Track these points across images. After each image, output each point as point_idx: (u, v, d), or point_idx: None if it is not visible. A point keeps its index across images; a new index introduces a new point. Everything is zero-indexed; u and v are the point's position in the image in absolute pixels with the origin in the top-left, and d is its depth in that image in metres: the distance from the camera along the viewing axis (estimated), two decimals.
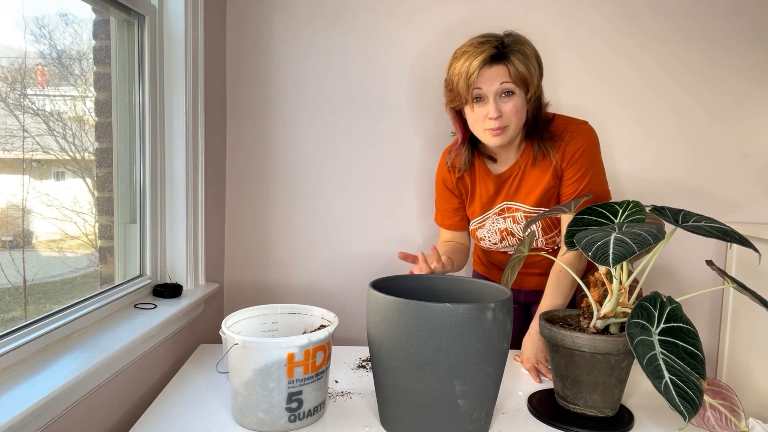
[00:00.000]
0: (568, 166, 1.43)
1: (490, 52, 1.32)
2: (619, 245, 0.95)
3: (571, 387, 1.14)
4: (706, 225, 1.04)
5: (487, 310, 1.00)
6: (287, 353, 1.05)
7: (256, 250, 2.06)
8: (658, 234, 0.97)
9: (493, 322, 1.01)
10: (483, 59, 1.31)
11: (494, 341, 1.02)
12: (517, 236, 1.52)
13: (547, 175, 1.44)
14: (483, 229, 1.55)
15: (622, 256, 0.93)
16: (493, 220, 1.53)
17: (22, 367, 1.03)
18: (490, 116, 1.34)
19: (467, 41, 1.37)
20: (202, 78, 1.68)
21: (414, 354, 1.01)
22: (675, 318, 0.97)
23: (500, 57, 1.32)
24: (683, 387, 0.90)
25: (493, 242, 1.56)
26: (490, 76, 1.32)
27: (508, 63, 1.32)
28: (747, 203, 2.04)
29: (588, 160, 1.44)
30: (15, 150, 1.22)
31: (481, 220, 1.55)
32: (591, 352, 1.08)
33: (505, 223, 1.51)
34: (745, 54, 1.98)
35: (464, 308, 0.99)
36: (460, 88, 1.34)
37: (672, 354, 0.93)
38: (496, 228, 1.53)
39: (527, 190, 1.47)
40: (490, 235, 1.54)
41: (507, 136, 1.37)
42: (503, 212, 1.51)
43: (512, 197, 1.49)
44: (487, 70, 1.32)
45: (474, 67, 1.31)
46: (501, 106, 1.34)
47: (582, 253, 1.32)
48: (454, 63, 1.37)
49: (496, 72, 1.32)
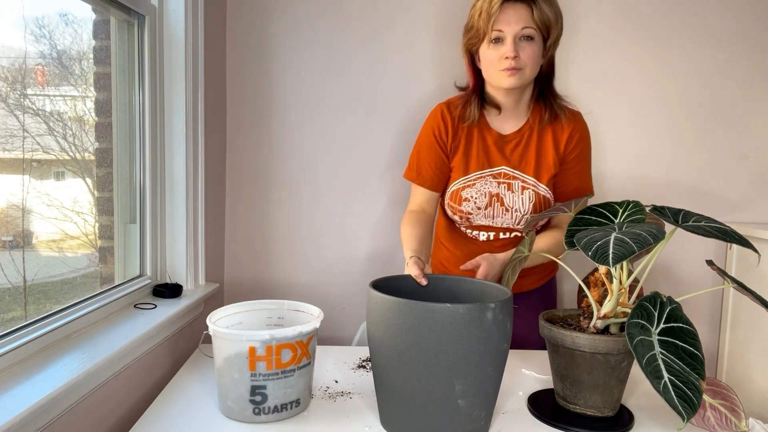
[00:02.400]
0: (575, 146, 1.43)
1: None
2: (619, 245, 0.95)
3: (571, 387, 1.14)
4: (706, 225, 1.04)
5: (487, 310, 1.00)
6: (248, 346, 1.09)
7: (256, 250, 2.06)
8: (658, 234, 0.97)
9: (493, 323, 1.00)
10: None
11: (494, 341, 1.01)
12: (505, 205, 1.45)
13: (551, 145, 1.43)
14: (472, 188, 1.46)
15: (621, 256, 0.93)
16: (486, 181, 1.45)
17: (22, 367, 1.03)
18: (506, 55, 1.31)
19: None
20: (202, 78, 1.68)
21: (414, 354, 1.01)
22: (675, 318, 0.97)
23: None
24: (682, 387, 0.90)
25: (477, 206, 1.46)
26: (513, 15, 1.30)
27: (533, 3, 1.30)
28: (747, 203, 2.04)
29: (589, 146, 1.46)
30: (15, 150, 1.22)
31: (474, 178, 1.46)
32: (591, 352, 1.08)
33: (499, 188, 1.45)
34: (745, 54, 1.98)
35: (464, 308, 0.98)
36: (480, 21, 1.31)
37: (671, 354, 0.93)
38: (486, 190, 1.45)
39: (530, 159, 1.44)
40: (478, 196, 1.45)
41: (522, 78, 1.34)
42: (499, 176, 1.45)
43: (514, 164, 1.44)
44: (511, 8, 1.30)
45: (496, 4, 1.29)
46: (519, 49, 1.31)
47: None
48: (474, 4, 1.35)
49: (519, 12, 1.30)
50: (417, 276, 1.21)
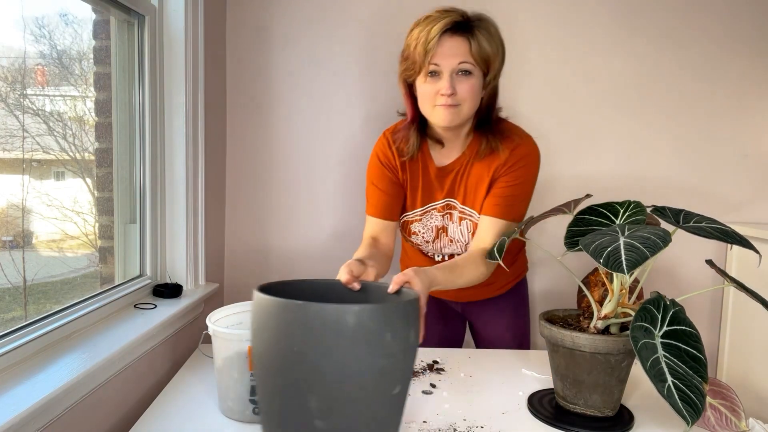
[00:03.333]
0: (506, 174, 1.32)
1: (454, 18, 1.22)
2: (631, 250, 0.94)
3: (571, 387, 1.14)
4: (706, 226, 1.04)
5: (347, 314, 0.82)
6: (248, 346, 1.08)
7: (256, 250, 2.06)
8: (665, 236, 0.96)
9: (357, 330, 0.82)
10: (445, 24, 1.21)
11: (360, 353, 0.83)
12: (449, 236, 1.42)
13: (486, 173, 1.34)
14: (419, 223, 1.43)
15: (636, 263, 0.91)
16: (431, 215, 1.42)
17: (22, 367, 1.03)
18: (442, 92, 1.23)
19: (432, 10, 1.27)
20: (202, 78, 1.68)
21: (266, 360, 0.86)
22: (678, 321, 0.97)
23: (464, 28, 1.23)
24: (685, 391, 0.89)
25: (426, 239, 1.44)
26: (450, 48, 1.22)
27: (471, 37, 1.22)
28: (747, 203, 2.04)
29: (526, 175, 1.33)
30: (15, 150, 1.22)
31: (420, 213, 1.42)
32: (591, 352, 1.08)
33: (443, 220, 1.41)
34: (745, 54, 1.98)
35: (316, 307, 0.82)
36: (416, 54, 1.24)
37: (674, 357, 0.93)
38: (433, 224, 1.42)
39: (467, 190, 1.37)
40: (425, 231, 1.43)
41: (459, 115, 1.27)
42: (443, 209, 1.41)
43: (452, 195, 1.39)
44: (448, 41, 1.22)
45: (435, 32, 1.21)
46: (456, 85, 1.24)
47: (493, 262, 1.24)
48: (413, 29, 1.26)
49: (457, 45, 1.22)
50: (346, 281, 1.05)
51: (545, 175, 2.03)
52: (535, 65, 1.98)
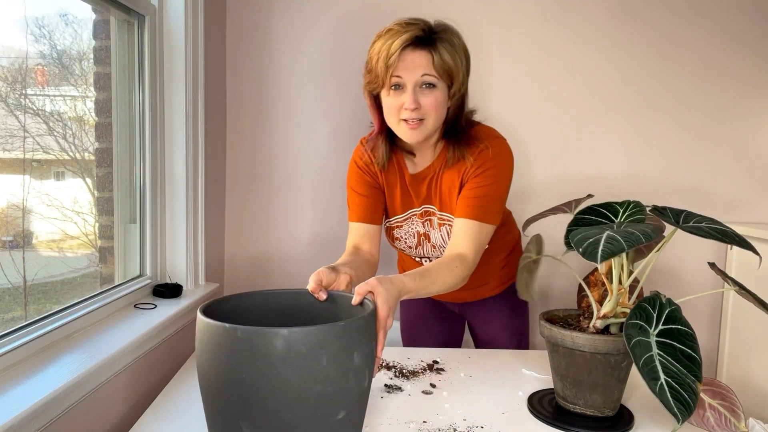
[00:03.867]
0: (475, 176, 1.30)
1: (415, 33, 1.20)
2: (610, 242, 0.95)
3: (571, 387, 1.13)
4: (706, 226, 1.04)
5: (275, 337, 0.78)
6: None
7: (255, 249, 2.06)
8: (651, 233, 0.96)
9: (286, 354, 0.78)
10: (406, 39, 1.19)
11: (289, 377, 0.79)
12: (431, 240, 1.42)
13: (457, 178, 1.33)
14: (401, 229, 1.43)
15: (610, 253, 0.93)
16: (413, 222, 1.42)
17: (22, 367, 1.03)
18: (406, 106, 1.22)
19: (393, 21, 1.25)
20: (202, 78, 1.68)
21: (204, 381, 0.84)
22: (673, 320, 0.97)
23: (426, 42, 1.21)
24: (678, 389, 0.90)
25: (409, 245, 1.44)
26: (412, 62, 1.20)
27: (433, 50, 1.21)
28: (747, 203, 2.04)
29: (496, 173, 1.31)
30: (15, 150, 1.22)
31: (402, 219, 1.42)
32: (591, 352, 1.08)
33: (424, 227, 1.41)
34: (745, 54, 1.99)
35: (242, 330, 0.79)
36: (378, 68, 1.22)
37: (669, 356, 0.93)
38: (414, 230, 1.42)
39: (441, 195, 1.37)
40: (407, 236, 1.43)
41: (424, 131, 1.25)
42: (423, 216, 1.40)
43: (429, 201, 1.39)
44: (410, 55, 1.21)
45: (396, 47, 1.19)
46: (420, 98, 1.22)
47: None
48: (375, 42, 1.24)
49: (419, 59, 1.20)
50: (312, 290, 1.03)
51: (546, 176, 2.03)
52: (534, 66, 1.98)
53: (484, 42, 1.97)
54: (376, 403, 1.21)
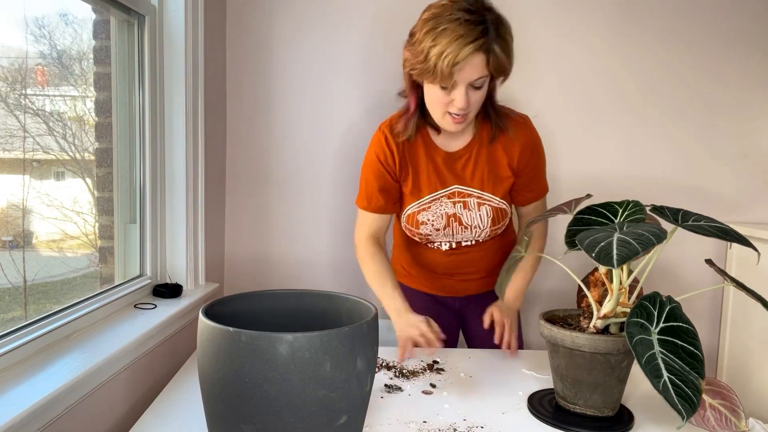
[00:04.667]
0: (529, 158, 1.41)
1: (479, 37, 1.19)
2: (623, 246, 0.95)
3: (571, 387, 1.14)
4: (705, 224, 1.04)
5: (280, 342, 0.78)
6: None
7: (256, 249, 2.06)
8: (660, 234, 0.96)
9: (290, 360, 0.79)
10: (476, 46, 1.19)
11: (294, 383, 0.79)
12: (464, 223, 1.43)
13: (503, 160, 1.39)
14: (428, 211, 1.43)
15: (626, 257, 0.93)
16: (441, 203, 1.42)
17: (22, 367, 1.03)
18: (458, 105, 1.25)
19: (447, 10, 1.21)
20: (202, 78, 1.68)
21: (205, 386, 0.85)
22: (674, 317, 0.97)
23: (483, 44, 1.21)
24: (682, 386, 0.90)
25: (436, 227, 1.44)
26: (469, 64, 1.21)
27: (490, 51, 1.21)
28: (747, 203, 2.04)
29: (540, 152, 1.45)
30: (15, 150, 1.22)
31: (428, 201, 1.42)
32: (591, 351, 1.08)
33: (455, 208, 1.42)
34: (745, 54, 1.99)
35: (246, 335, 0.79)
36: (440, 70, 1.21)
37: (671, 353, 0.93)
38: (443, 212, 1.42)
39: (482, 175, 1.40)
40: (435, 218, 1.43)
41: (467, 122, 1.32)
42: (453, 196, 1.41)
43: (466, 181, 1.40)
44: (470, 58, 1.21)
45: (463, 56, 1.19)
46: (469, 95, 1.25)
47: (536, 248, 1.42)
48: (432, 36, 1.20)
49: (475, 62, 1.21)
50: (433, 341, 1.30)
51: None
52: (534, 66, 1.98)
53: None
54: (377, 403, 1.21)
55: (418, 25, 1.26)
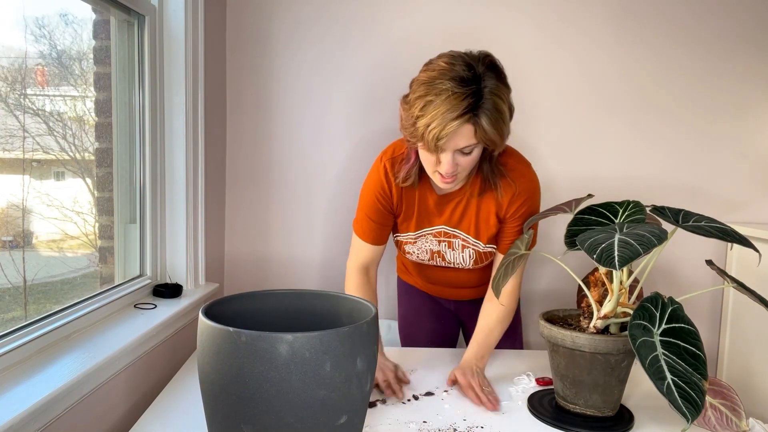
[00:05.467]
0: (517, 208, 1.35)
1: (465, 116, 1.14)
2: (624, 247, 0.95)
3: (571, 387, 1.14)
4: (706, 225, 1.04)
5: (280, 342, 0.79)
6: None
7: (256, 250, 2.06)
8: (661, 234, 0.96)
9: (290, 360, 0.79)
10: (458, 124, 1.14)
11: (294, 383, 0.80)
12: (447, 260, 1.46)
13: (492, 209, 1.37)
14: (414, 245, 1.47)
15: (627, 258, 0.93)
16: (427, 240, 1.44)
17: (22, 367, 1.03)
18: (443, 171, 1.23)
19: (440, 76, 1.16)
20: (202, 78, 1.68)
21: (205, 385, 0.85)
22: (676, 318, 0.97)
23: (470, 115, 1.15)
24: (685, 388, 0.90)
25: (420, 258, 1.49)
26: (455, 134, 1.17)
27: (477, 123, 1.16)
28: (747, 203, 2.04)
29: (534, 204, 1.38)
30: (15, 150, 1.22)
31: (414, 236, 1.45)
32: (591, 352, 1.08)
33: (440, 246, 1.44)
34: (745, 54, 1.98)
35: (246, 335, 0.79)
36: (426, 140, 1.17)
37: (674, 355, 0.93)
38: (427, 247, 1.45)
39: (470, 220, 1.39)
40: (419, 252, 1.47)
41: (458, 183, 1.30)
42: (439, 235, 1.42)
43: (453, 223, 1.41)
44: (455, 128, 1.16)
45: (447, 132, 1.14)
46: (458, 160, 1.22)
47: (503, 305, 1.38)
48: (423, 106, 1.17)
49: (462, 133, 1.17)
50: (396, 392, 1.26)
51: (546, 176, 2.03)
52: (534, 67, 1.98)
53: (484, 43, 1.97)
54: (377, 403, 1.21)
55: (414, 85, 1.22)
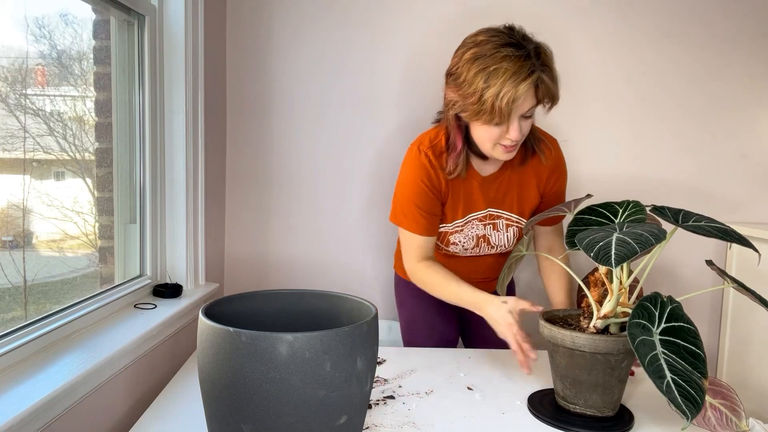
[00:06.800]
0: (555, 180, 1.45)
1: (531, 71, 1.20)
2: (621, 245, 0.95)
3: (571, 387, 1.14)
4: (706, 225, 1.04)
5: (280, 342, 0.79)
6: None
7: (256, 250, 2.06)
8: (659, 234, 0.97)
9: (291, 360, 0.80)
10: (529, 84, 1.19)
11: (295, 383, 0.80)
12: (492, 243, 1.48)
13: (532, 182, 1.43)
14: (460, 234, 1.46)
15: (624, 257, 0.93)
16: (473, 225, 1.45)
17: (22, 367, 1.03)
18: (511, 137, 1.26)
19: (491, 47, 1.21)
20: (202, 78, 1.68)
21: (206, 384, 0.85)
22: (676, 317, 0.97)
23: (537, 78, 1.22)
24: (685, 386, 0.90)
25: (465, 248, 1.48)
26: (524, 100, 1.23)
27: (539, 82, 1.22)
28: (747, 203, 2.04)
29: (566, 174, 1.49)
30: (15, 150, 1.22)
31: (462, 223, 1.45)
32: (591, 352, 1.08)
33: (485, 230, 1.46)
34: (745, 54, 1.99)
35: (246, 335, 0.80)
36: (498, 109, 1.20)
37: (673, 353, 0.93)
38: (474, 234, 1.46)
39: (513, 198, 1.44)
40: (466, 240, 1.47)
41: (517, 149, 1.34)
42: (485, 219, 1.44)
43: (497, 204, 1.44)
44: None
45: (521, 93, 1.19)
46: (521, 125, 1.27)
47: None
48: (484, 76, 1.20)
49: (529, 95, 1.23)
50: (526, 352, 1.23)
51: None
52: None
53: None
54: (377, 403, 1.21)
55: (462, 65, 1.24)
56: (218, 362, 0.82)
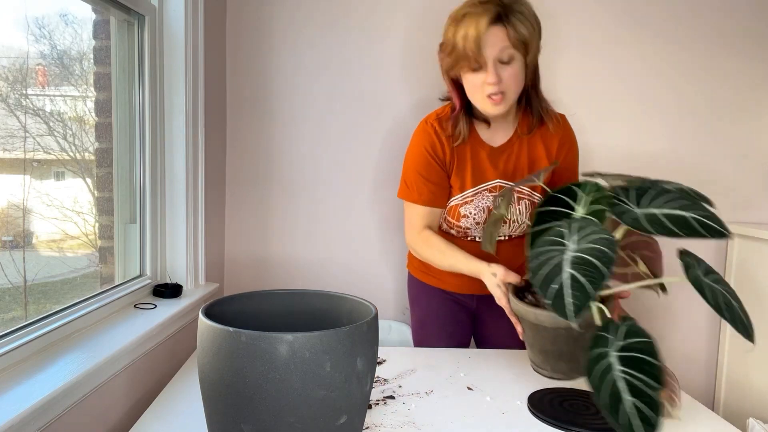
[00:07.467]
0: (566, 152, 1.46)
1: (495, 11, 1.26)
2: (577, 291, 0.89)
3: (538, 354, 1.17)
4: (662, 214, 1.01)
5: (280, 342, 0.79)
6: None
7: (256, 250, 2.06)
8: (609, 253, 0.92)
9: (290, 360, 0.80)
10: (490, 18, 1.26)
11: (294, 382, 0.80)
12: (504, 218, 1.47)
13: (542, 154, 1.44)
14: (470, 205, 1.45)
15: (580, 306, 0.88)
16: (483, 196, 1.45)
17: (22, 367, 1.03)
18: (488, 81, 1.29)
19: (464, 3, 1.32)
20: (202, 78, 1.68)
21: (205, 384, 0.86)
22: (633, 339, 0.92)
23: (500, 18, 1.27)
24: (644, 407, 0.84)
25: (476, 221, 1.46)
26: (490, 38, 1.27)
27: (507, 24, 1.27)
28: (747, 203, 2.04)
29: (577, 147, 1.49)
30: (15, 150, 1.22)
31: (471, 194, 1.45)
32: (553, 327, 1.10)
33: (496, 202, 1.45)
34: (745, 54, 1.98)
35: (246, 335, 0.80)
36: (468, 50, 1.28)
37: (632, 370, 0.87)
38: (484, 205, 1.45)
39: (523, 170, 1.44)
40: (476, 212, 1.45)
41: (507, 103, 1.34)
42: (495, 190, 1.44)
43: (508, 175, 1.44)
44: (488, 32, 1.27)
45: (483, 27, 1.26)
46: (500, 72, 1.29)
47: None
48: (455, 26, 1.31)
49: (495, 35, 1.27)
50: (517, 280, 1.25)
51: None
52: None
53: None
54: (377, 403, 1.21)
55: (445, 30, 1.35)
56: (218, 362, 0.82)
